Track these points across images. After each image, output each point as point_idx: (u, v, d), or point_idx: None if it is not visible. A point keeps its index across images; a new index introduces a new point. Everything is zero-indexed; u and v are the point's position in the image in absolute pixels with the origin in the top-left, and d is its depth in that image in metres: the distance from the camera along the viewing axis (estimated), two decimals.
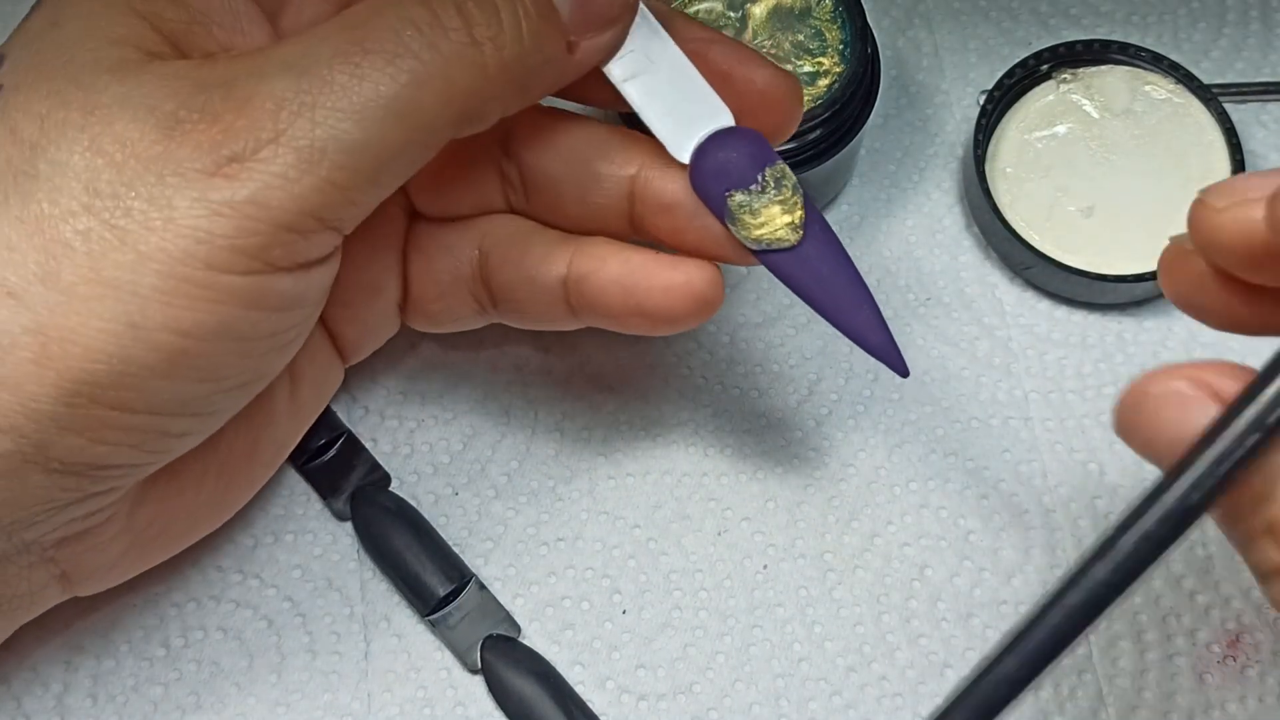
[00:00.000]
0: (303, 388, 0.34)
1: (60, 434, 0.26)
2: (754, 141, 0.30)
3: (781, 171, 0.30)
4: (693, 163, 0.30)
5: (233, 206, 0.26)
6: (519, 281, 0.33)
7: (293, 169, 0.26)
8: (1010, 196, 0.40)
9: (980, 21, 0.43)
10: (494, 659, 0.35)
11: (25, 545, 0.28)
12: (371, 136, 0.26)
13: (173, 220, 0.25)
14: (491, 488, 0.38)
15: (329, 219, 0.27)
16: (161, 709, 0.35)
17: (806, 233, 0.31)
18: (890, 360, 0.31)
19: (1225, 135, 0.40)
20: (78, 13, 0.28)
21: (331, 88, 0.26)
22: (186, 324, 0.26)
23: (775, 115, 0.31)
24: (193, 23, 0.28)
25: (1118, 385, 0.39)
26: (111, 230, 0.25)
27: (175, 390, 0.27)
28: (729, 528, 0.37)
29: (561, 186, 0.32)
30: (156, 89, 0.26)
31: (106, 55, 0.27)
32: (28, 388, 0.25)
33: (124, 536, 0.31)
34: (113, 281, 0.25)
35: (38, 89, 0.27)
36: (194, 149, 0.26)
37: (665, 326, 0.32)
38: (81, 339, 0.25)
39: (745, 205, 0.30)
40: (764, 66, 0.31)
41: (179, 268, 0.26)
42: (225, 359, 0.27)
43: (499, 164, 0.33)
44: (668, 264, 0.31)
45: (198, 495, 0.32)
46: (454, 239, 0.34)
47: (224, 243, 0.26)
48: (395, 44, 0.27)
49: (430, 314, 0.35)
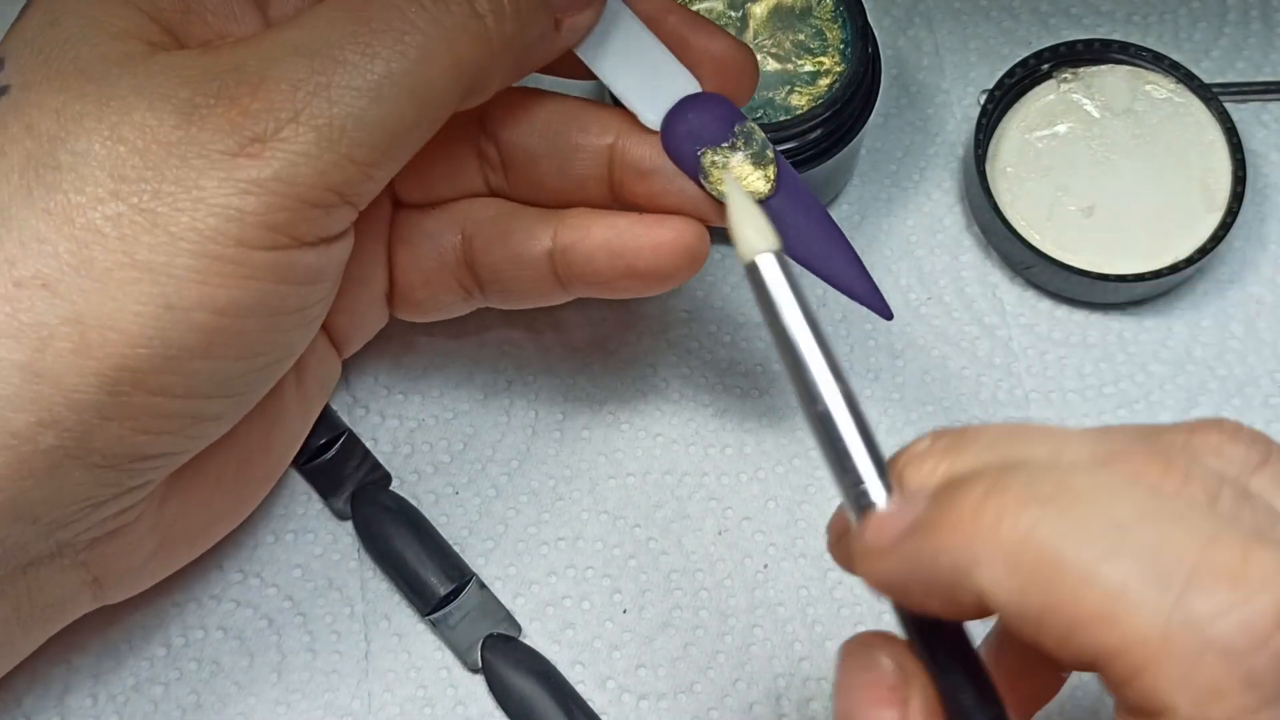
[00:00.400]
0: (307, 378, 0.34)
1: (102, 424, 0.26)
2: (721, 103, 0.31)
3: (751, 129, 0.31)
4: (664, 126, 0.31)
5: (260, 184, 0.26)
6: (505, 261, 0.33)
7: (314, 146, 0.26)
8: (1011, 196, 0.40)
9: (981, 21, 0.43)
10: (494, 658, 0.35)
11: (61, 546, 0.28)
12: (387, 112, 0.27)
13: (202, 200, 0.26)
14: (492, 487, 0.38)
15: (348, 194, 0.28)
16: (162, 708, 0.35)
17: (779, 185, 0.31)
18: (872, 303, 0.32)
19: (1226, 135, 0.40)
20: (75, 9, 0.28)
21: (345, 67, 0.27)
22: (222, 301, 0.26)
23: (732, 81, 0.32)
24: (188, 11, 0.29)
25: (1118, 385, 0.39)
26: (141, 214, 0.26)
27: (213, 370, 0.27)
28: (729, 527, 0.37)
29: (540, 161, 0.32)
30: (168, 78, 0.27)
31: (111, 49, 0.27)
32: (69, 379, 0.26)
33: (152, 536, 0.31)
34: (147, 264, 0.26)
35: (49, 85, 0.27)
36: (215, 132, 0.26)
37: (656, 285, 0.32)
38: (120, 325, 0.26)
39: (718, 162, 0.31)
40: (719, 35, 0.32)
41: (211, 246, 0.26)
42: (259, 335, 0.28)
43: (477, 144, 0.33)
44: (653, 222, 0.32)
45: (218, 490, 0.33)
46: (436, 225, 0.34)
47: (254, 219, 0.26)
48: (402, 21, 0.27)
49: (416, 302, 0.35)
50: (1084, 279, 0.38)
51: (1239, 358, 0.39)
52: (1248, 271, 0.40)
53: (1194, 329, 0.39)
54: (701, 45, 0.32)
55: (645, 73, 0.31)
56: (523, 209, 0.33)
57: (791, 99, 0.37)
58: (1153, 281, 0.38)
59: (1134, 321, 0.40)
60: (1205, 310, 0.40)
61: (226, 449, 0.32)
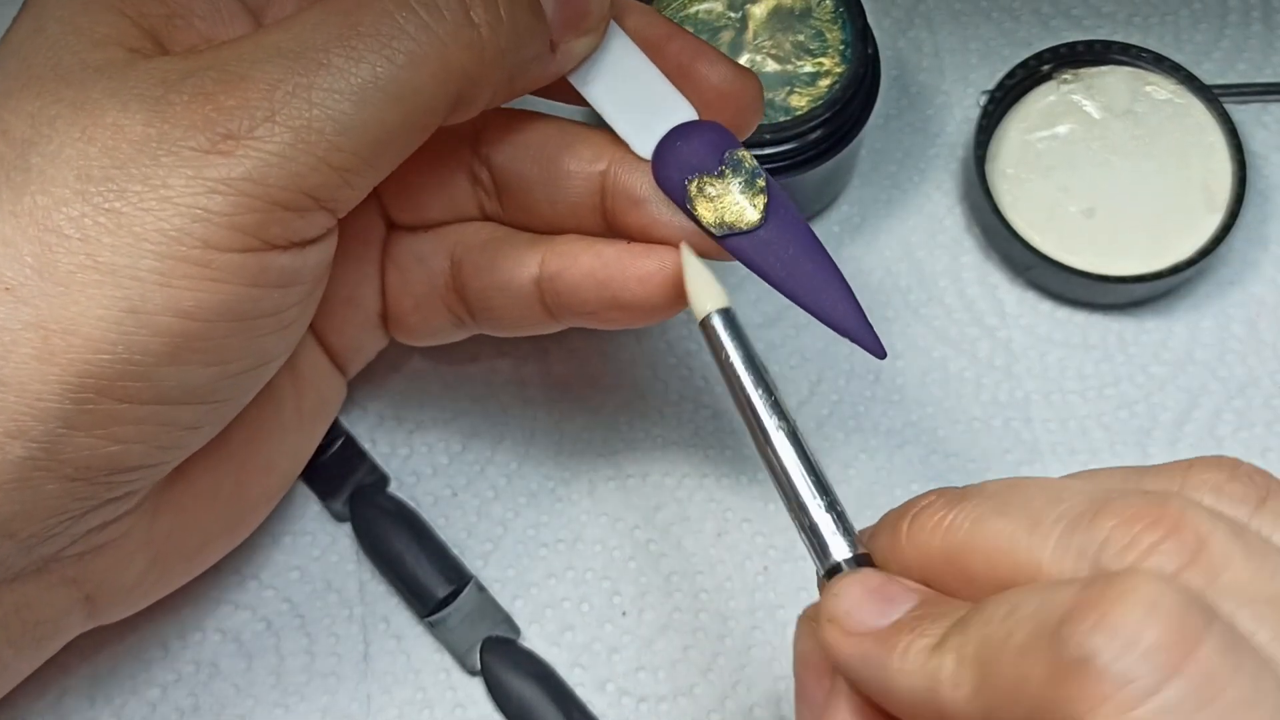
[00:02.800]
0: (307, 396, 0.34)
1: (69, 434, 0.26)
2: (712, 129, 0.31)
3: (741, 156, 0.30)
4: (655, 156, 0.31)
5: (229, 184, 0.25)
6: (492, 288, 0.32)
7: (289, 147, 0.26)
8: (1011, 197, 0.39)
9: (981, 22, 0.43)
10: (493, 661, 0.35)
11: (45, 561, 0.28)
12: (369, 117, 0.26)
13: (168, 200, 0.25)
14: (491, 489, 0.38)
15: (324, 199, 0.27)
16: (159, 711, 0.35)
17: (770, 215, 0.30)
18: (863, 340, 0.30)
19: (1227, 136, 0.40)
20: (60, 15, 0.27)
21: (328, 70, 0.26)
22: (188, 304, 0.26)
23: (733, 111, 0.31)
24: (173, 16, 0.28)
25: (1119, 386, 0.39)
26: (105, 214, 0.25)
27: (182, 376, 0.27)
28: (729, 529, 0.37)
29: (532, 186, 0.32)
30: (143, 80, 0.26)
31: (92, 56, 0.27)
32: (33, 386, 0.25)
33: (144, 551, 0.30)
34: (110, 267, 0.25)
35: (27, 90, 0.26)
36: (188, 127, 0.25)
37: (643, 317, 0.31)
38: (83, 329, 0.25)
39: (705, 192, 0.30)
40: (721, 63, 0.31)
41: (176, 247, 0.25)
42: (229, 340, 0.27)
43: (470, 167, 0.33)
44: (640, 253, 0.31)
45: (214, 507, 0.32)
46: (427, 249, 0.33)
47: (221, 220, 0.25)
48: (390, 26, 0.27)
49: (410, 327, 0.35)
50: (1084, 280, 0.38)
51: (1240, 359, 0.39)
52: (1249, 273, 0.40)
53: (1195, 330, 0.39)
54: (702, 73, 0.31)
55: (639, 102, 0.31)
56: (513, 234, 0.33)
57: (791, 100, 0.37)
58: (1153, 283, 0.38)
59: (1134, 323, 0.39)
60: (1206, 311, 0.40)
61: (220, 464, 0.31)
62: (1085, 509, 0.22)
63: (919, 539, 0.24)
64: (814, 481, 0.26)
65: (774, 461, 0.27)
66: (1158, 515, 0.21)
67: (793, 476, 0.26)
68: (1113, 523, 0.21)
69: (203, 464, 0.30)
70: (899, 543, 0.25)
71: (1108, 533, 0.21)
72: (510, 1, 0.28)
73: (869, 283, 0.40)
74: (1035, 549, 0.22)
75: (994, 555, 0.23)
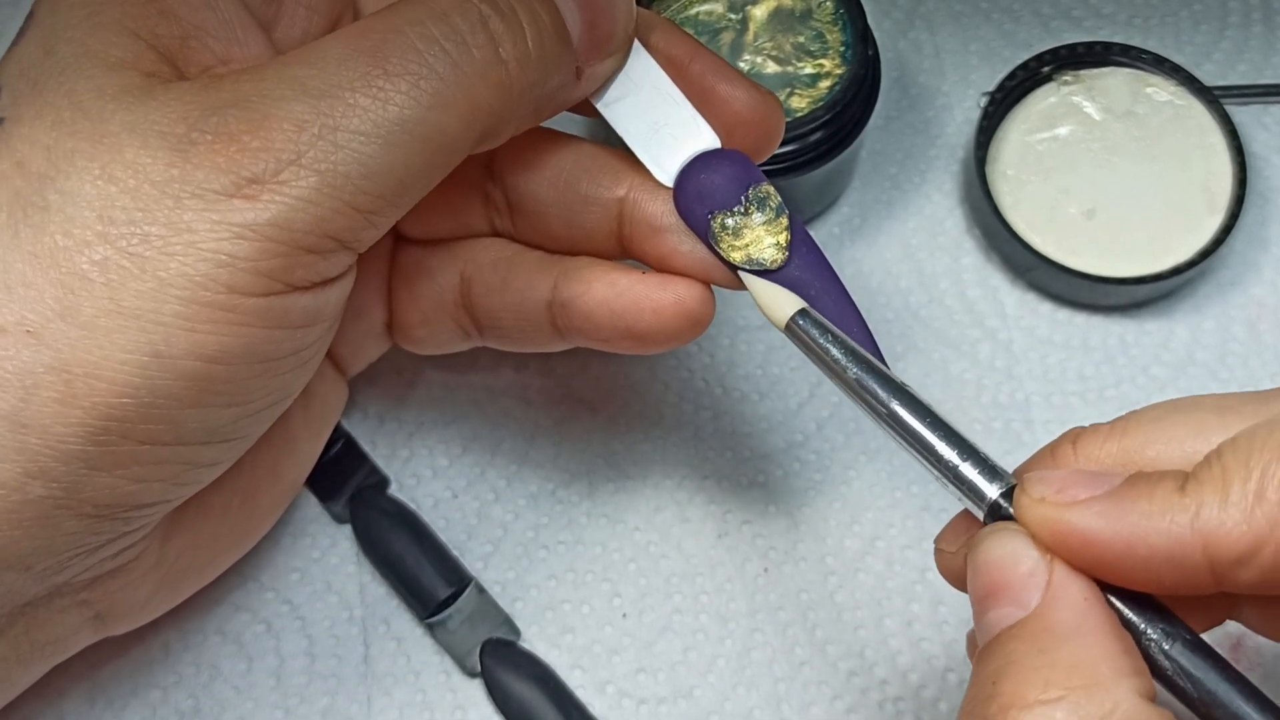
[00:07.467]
0: (314, 404, 0.34)
1: (91, 474, 0.25)
2: (737, 162, 0.30)
3: (766, 192, 0.30)
4: (676, 186, 0.30)
5: (255, 229, 0.25)
6: (503, 307, 0.32)
7: (315, 192, 0.25)
8: (1012, 199, 0.39)
9: (981, 23, 0.43)
10: (493, 663, 0.35)
11: (58, 589, 0.28)
12: (395, 160, 0.26)
13: (193, 245, 0.25)
14: (491, 491, 0.38)
15: (348, 240, 0.27)
16: (160, 712, 0.35)
17: (793, 253, 0.30)
18: None
19: (1227, 137, 0.40)
20: (71, 37, 0.27)
21: (355, 110, 0.25)
22: (211, 349, 0.25)
23: (754, 134, 0.31)
24: (187, 37, 0.28)
25: (1119, 388, 0.39)
26: (129, 258, 0.25)
27: (204, 418, 0.26)
28: (729, 531, 0.37)
29: (548, 210, 0.31)
30: (164, 114, 0.26)
31: (108, 82, 0.26)
32: (55, 429, 0.25)
33: (155, 571, 0.30)
34: (134, 311, 0.25)
35: (42, 119, 0.26)
36: (211, 170, 0.25)
37: (655, 347, 0.31)
38: (106, 373, 0.25)
39: (729, 227, 0.30)
40: (743, 85, 0.31)
41: (201, 293, 0.25)
42: (251, 381, 0.27)
43: (483, 186, 0.32)
44: (656, 284, 0.30)
45: (223, 523, 0.32)
46: (436, 264, 0.33)
47: (246, 265, 0.25)
48: (419, 64, 0.26)
49: (416, 339, 0.35)
50: (1085, 282, 0.38)
51: (1240, 360, 0.39)
52: (1249, 274, 0.40)
53: (1195, 332, 0.39)
54: (724, 95, 0.30)
55: (661, 126, 0.30)
56: (525, 253, 0.32)
57: (792, 101, 0.37)
58: (1154, 284, 0.38)
59: (1135, 324, 0.39)
60: (1207, 313, 0.40)
61: (232, 482, 0.31)
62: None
63: (1090, 450, 0.25)
64: (947, 433, 0.26)
65: (906, 428, 0.26)
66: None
67: (927, 437, 0.26)
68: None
69: (215, 485, 0.30)
70: (1069, 460, 0.25)
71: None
72: (538, 32, 0.27)
73: (869, 284, 0.40)
74: (1230, 426, 0.23)
75: (1186, 441, 0.24)
